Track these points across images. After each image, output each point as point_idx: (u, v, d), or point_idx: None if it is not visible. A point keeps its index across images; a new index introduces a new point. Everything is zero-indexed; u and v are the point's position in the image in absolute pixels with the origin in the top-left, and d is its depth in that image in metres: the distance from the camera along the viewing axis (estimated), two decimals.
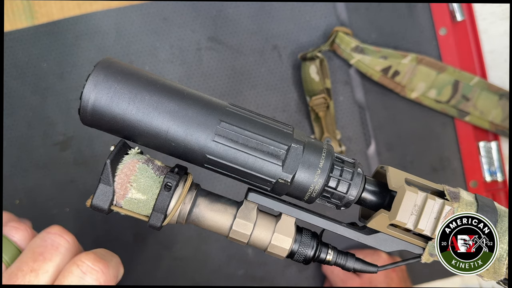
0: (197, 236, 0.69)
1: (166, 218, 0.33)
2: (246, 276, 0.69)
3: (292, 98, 0.70)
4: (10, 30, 0.67)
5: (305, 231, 0.36)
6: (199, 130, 0.32)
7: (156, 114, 0.32)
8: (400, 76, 0.68)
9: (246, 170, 0.33)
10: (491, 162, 0.71)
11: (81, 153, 0.68)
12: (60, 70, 0.68)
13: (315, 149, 0.33)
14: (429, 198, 0.33)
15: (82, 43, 0.68)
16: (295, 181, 0.33)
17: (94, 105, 0.31)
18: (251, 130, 0.32)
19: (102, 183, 0.33)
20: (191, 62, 0.69)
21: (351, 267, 0.36)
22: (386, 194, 0.35)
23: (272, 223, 0.35)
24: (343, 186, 0.34)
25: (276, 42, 0.70)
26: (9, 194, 0.67)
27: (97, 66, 0.32)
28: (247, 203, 0.35)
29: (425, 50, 0.71)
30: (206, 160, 0.33)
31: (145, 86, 0.32)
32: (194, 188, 0.35)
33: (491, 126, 0.69)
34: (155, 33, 0.69)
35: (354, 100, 0.70)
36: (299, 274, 0.70)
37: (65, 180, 0.68)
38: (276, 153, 0.32)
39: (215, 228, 0.35)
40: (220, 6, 0.69)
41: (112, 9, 0.68)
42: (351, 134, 0.70)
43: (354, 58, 0.68)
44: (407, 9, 0.71)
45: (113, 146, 0.34)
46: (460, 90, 0.68)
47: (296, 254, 0.35)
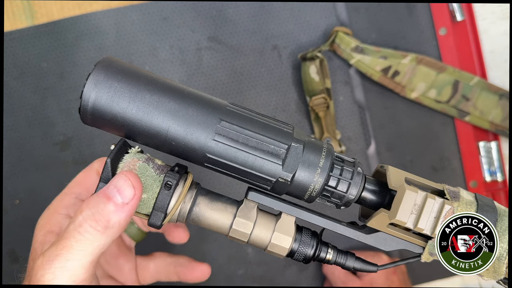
0: (196, 235, 0.69)
1: (166, 217, 0.34)
2: (246, 276, 0.69)
3: (292, 98, 0.70)
4: (10, 30, 0.67)
5: (305, 230, 0.36)
6: (199, 129, 0.32)
7: (157, 113, 0.32)
8: (400, 76, 0.68)
9: (246, 169, 0.33)
10: (491, 162, 0.71)
11: (81, 153, 0.68)
12: (60, 70, 0.68)
13: (315, 148, 0.33)
14: (429, 197, 0.33)
15: (82, 43, 0.68)
16: (295, 180, 0.33)
17: (95, 104, 0.31)
18: (251, 129, 0.32)
19: (103, 182, 0.33)
20: (191, 62, 0.69)
21: (351, 266, 0.36)
22: (386, 193, 0.35)
23: (272, 222, 0.35)
24: (343, 185, 0.34)
25: (276, 42, 0.70)
26: (9, 194, 0.67)
27: (98, 65, 0.32)
28: (247, 202, 0.35)
29: (425, 50, 0.71)
30: (206, 159, 0.33)
31: (146, 85, 0.32)
32: (194, 187, 0.35)
33: (491, 126, 0.69)
34: (155, 33, 0.69)
35: (354, 100, 0.70)
36: (299, 274, 0.70)
37: (65, 180, 0.67)
38: (276, 152, 0.32)
39: (215, 227, 0.35)
40: (220, 6, 0.69)
41: (112, 9, 0.68)
42: (351, 134, 0.70)
43: (354, 58, 0.68)
44: (407, 9, 0.71)
45: (113, 145, 0.34)
46: (460, 90, 0.68)
47: (296, 253, 0.35)
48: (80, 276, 0.30)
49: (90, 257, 0.31)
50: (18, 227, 0.67)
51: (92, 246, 0.30)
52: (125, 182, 0.30)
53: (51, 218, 0.38)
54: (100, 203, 0.30)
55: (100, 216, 0.30)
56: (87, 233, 0.30)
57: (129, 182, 0.30)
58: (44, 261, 0.30)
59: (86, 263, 0.31)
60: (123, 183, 0.30)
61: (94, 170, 0.41)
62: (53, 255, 0.30)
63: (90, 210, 0.30)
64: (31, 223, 0.68)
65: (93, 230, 0.30)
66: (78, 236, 0.30)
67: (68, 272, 0.30)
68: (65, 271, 0.30)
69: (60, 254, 0.30)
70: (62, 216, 0.39)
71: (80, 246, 0.30)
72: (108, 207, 0.30)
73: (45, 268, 0.30)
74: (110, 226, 0.30)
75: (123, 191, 0.30)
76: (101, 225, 0.30)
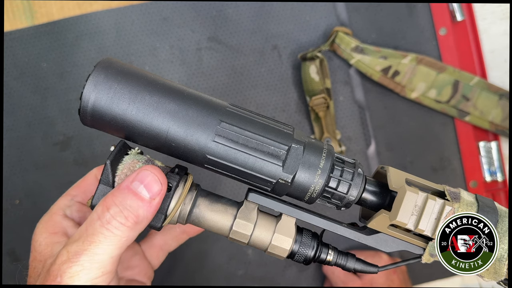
0: (197, 236, 0.68)
1: (166, 218, 0.33)
2: (246, 276, 0.69)
3: (292, 98, 0.70)
4: (10, 30, 0.67)
5: (306, 231, 0.36)
6: (199, 131, 0.32)
7: (157, 114, 0.32)
8: (400, 76, 0.68)
9: (246, 171, 0.33)
10: (491, 162, 0.71)
11: (81, 153, 0.68)
12: (60, 70, 0.68)
13: (316, 149, 0.33)
14: (429, 199, 0.33)
15: (82, 43, 0.68)
16: (296, 181, 0.33)
17: (94, 106, 0.31)
18: (251, 131, 0.32)
19: (102, 184, 0.33)
20: (191, 62, 0.69)
21: (352, 268, 0.36)
22: (387, 195, 0.35)
23: (272, 224, 0.35)
24: (343, 186, 0.34)
25: (276, 42, 0.70)
26: (9, 194, 0.67)
27: (97, 66, 0.32)
28: (248, 203, 0.35)
29: (425, 50, 0.71)
30: (207, 160, 0.33)
31: (146, 86, 0.32)
32: (194, 188, 0.35)
33: (491, 126, 0.69)
34: (155, 33, 0.69)
35: (354, 100, 0.70)
36: (299, 274, 0.70)
37: (65, 180, 0.68)
38: (276, 154, 0.32)
39: (216, 228, 0.35)
40: (220, 6, 0.69)
41: (112, 9, 0.68)
42: (351, 134, 0.70)
43: (354, 58, 0.68)
44: (407, 9, 0.71)
45: (113, 146, 0.34)
46: (460, 90, 0.68)
47: (296, 254, 0.35)
48: (108, 267, 0.31)
49: (119, 250, 0.31)
50: (18, 227, 0.67)
51: (121, 241, 0.31)
52: (153, 178, 0.30)
53: (50, 221, 0.39)
54: (127, 199, 0.30)
55: (129, 212, 0.30)
56: (116, 229, 0.30)
57: (156, 177, 0.30)
58: (70, 256, 0.31)
59: (114, 256, 0.31)
60: (151, 178, 0.30)
61: (92, 175, 0.41)
62: (81, 250, 0.31)
63: (117, 206, 0.30)
64: (31, 223, 0.68)
65: (122, 226, 0.30)
66: (106, 232, 0.30)
67: (97, 264, 0.31)
68: (94, 263, 0.30)
69: (88, 249, 0.31)
70: (60, 216, 0.39)
71: (108, 241, 0.31)
72: (136, 203, 0.30)
73: (72, 261, 0.30)
74: (139, 221, 0.30)
75: (151, 186, 0.30)
76: (131, 221, 0.30)
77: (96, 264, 0.31)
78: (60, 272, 0.31)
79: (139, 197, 0.30)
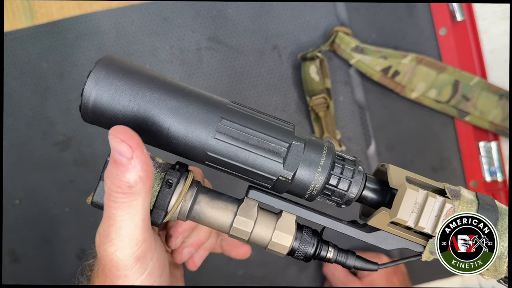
0: None
1: (167, 215, 0.33)
2: (246, 276, 0.69)
3: (292, 98, 0.70)
4: (10, 30, 0.67)
5: (306, 228, 0.36)
6: (200, 127, 0.32)
7: (157, 111, 0.32)
8: (400, 76, 0.68)
9: (247, 168, 0.33)
10: (491, 162, 0.71)
11: (81, 153, 0.68)
12: (60, 70, 0.68)
13: (316, 146, 0.33)
14: (430, 196, 0.33)
15: (82, 43, 0.68)
16: (296, 178, 0.33)
17: (95, 102, 0.31)
18: (252, 128, 0.32)
19: (103, 180, 0.33)
20: (191, 62, 0.69)
21: (352, 265, 0.36)
22: (387, 192, 0.35)
23: (272, 221, 0.35)
24: (344, 184, 0.34)
25: (276, 42, 0.70)
26: (9, 194, 0.67)
27: (98, 63, 0.32)
28: (248, 200, 0.35)
29: (425, 50, 0.71)
30: (207, 157, 0.33)
31: (146, 83, 0.32)
32: (195, 185, 0.35)
33: (491, 126, 0.69)
34: (155, 33, 0.69)
35: (354, 100, 0.70)
36: (299, 274, 0.70)
37: (65, 180, 0.68)
38: (277, 151, 0.32)
39: (216, 225, 0.35)
40: (220, 6, 0.69)
41: (112, 9, 0.68)
42: (351, 134, 0.70)
43: (354, 58, 0.68)
44: (407, 9, 0.71)
45: None
46: (460, 90, 0.68)
47: (296, 251, 0.35)
48: (139, 236, 0.31)
49: (138, 215, 0.31)
50: (18, 227, 0.67)
51: (132, 207, 0.31)
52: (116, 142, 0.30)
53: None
54: (112, 170, 0.30)
55: (118, 181, 0.30)
56: (118, 199, 0.31)
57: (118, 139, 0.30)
58: (101, 238, 0.32)
59: (138, 222, 0.31)
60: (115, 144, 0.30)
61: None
62: (106, 230, 0.31)
63: (109, 180, 0.31)
64: (31, 223, 0.68)
65: (121, 195, 0.30)
66: (113, 204, 0.31)
67: (126, 238, 0.31)
68: (123, 238, 0.31)
69: (110, 225, 0.31)
70: None
71: (121, 212, 0.31)
72: (117, 169, 0.30)
73: (105, 242, 0.31)
74: (133, 184, 0.30)
75: (119, 149, 0.30)
76: (124, 187, 0.30)
77: (126, 238, 0.31)
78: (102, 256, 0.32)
79: (118, 164, 0.30)
